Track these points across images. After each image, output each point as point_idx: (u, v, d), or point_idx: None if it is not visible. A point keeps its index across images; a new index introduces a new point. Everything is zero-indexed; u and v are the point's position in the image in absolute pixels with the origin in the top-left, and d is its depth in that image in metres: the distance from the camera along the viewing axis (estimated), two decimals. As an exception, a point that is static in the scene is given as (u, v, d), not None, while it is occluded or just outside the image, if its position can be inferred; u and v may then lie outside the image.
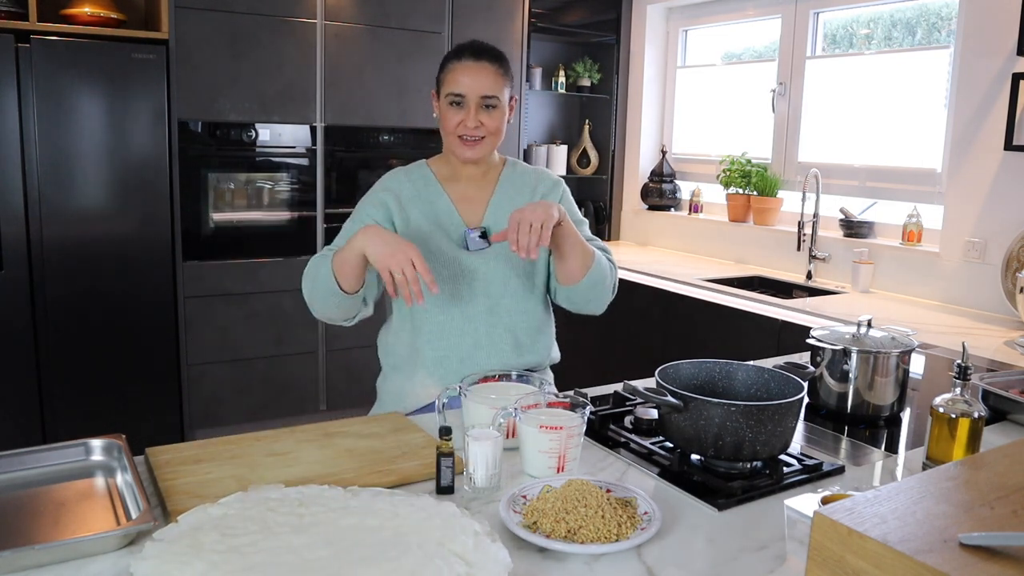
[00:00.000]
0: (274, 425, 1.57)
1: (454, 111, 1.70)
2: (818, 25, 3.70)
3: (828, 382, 1.66)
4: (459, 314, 1.74)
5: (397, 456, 1.32)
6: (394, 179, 1.81)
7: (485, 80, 1.69)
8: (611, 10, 4.45)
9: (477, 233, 1.73)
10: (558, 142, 4.60)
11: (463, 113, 1.69)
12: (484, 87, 1.69)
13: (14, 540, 1.04)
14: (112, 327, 3.22)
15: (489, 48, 1.73)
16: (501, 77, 1.72)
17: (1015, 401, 1.62)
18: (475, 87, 1.68)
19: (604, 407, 1.61)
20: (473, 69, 1.69)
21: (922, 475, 0.88)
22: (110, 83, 3.09)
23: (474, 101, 1.68)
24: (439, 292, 1.59)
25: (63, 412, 3.18)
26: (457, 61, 1.70)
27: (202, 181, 3.41)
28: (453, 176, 1.81)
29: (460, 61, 1.70)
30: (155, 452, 1.30)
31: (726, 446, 1.25)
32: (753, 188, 3.83)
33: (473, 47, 1.72)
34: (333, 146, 3.62)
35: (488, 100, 1.69)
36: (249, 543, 0.98)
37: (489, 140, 1.73)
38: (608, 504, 1.09)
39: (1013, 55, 2.78)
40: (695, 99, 4.37)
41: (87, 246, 3.14)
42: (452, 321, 1.74)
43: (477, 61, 1.69)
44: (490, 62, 1.70)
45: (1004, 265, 2.83)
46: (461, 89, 1.68)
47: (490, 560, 0.97)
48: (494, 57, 1.72)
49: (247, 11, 3.35)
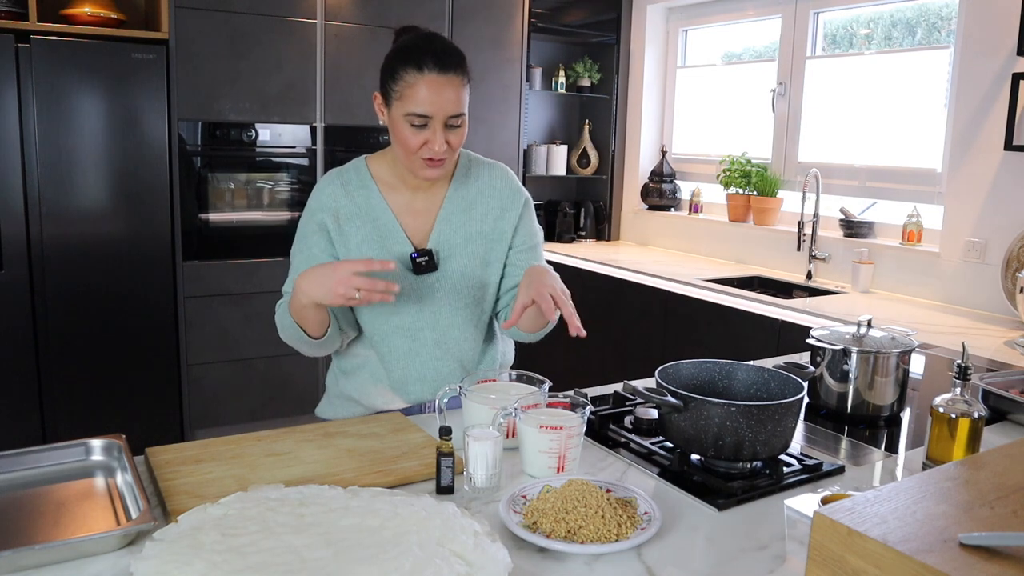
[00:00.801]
0: (274, 425, 1.57)
1: (415, 132, 1.45)
2: (818, 25, 3.70)
3: (828, 382, 1.66)
4: (404, 347, 1.62)
5: (397, 456, 1.32)
6: (329, 192, 1.59)
7: (453, 97, 1.43)
8: (611, 10, 4.45)
9: (423, 259, 1.57)
10: (558, 142, 4.60)
11: (427, 134, 1.45)
12: (452, 106, 1.44)
13: (14, 540, 1.04)
14: (112, 327, 3.23)
15: (452, 53, 1.46)
16: (466, 86, 1.47)
17: (1015, 401, 1.62)
18: (443, 106, 1.43)
19: (604, 407, 1.61)
20: (440, 85, 1.42)
21: (922, 475, 0.88)
22: (110, 83, 3.09)
23: (440, 121, 1.44)
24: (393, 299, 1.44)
25: (63, 412, 3.18)
26: (419, 73, 1.42)
27: (202, 181, 3.41)
28: (398, 184, 1.60)
29: (422, 74, 1.42)
30: (155, 452, 1.30)
31: (726, 446, 1.25)
32: (753, 188, 3.83)
33: (436, 54, 1.43)
34: (333, 146, 3.63)
35: (455, 119, 1.46)
36: (249, 543, 0.98)
37: (452, 157, 1.52)
38: (608, 504, 1.09)
39: (1013, 55, 2.78)
40: (695, 99, 4.38)
41: (87, 246, 3.14)
42: (396, 353, 1.62)
43: (443, 74, 1.42)
44: (456, 72, 1.44)
45: (1004, 265, 2.83)
46: (426, 110, 1.42)
47: (490, 560, 0.97)
48: (458, 63, 1.45)
49: (247, 11, 3.35)
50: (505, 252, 1.66)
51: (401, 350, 1.62)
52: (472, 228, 1.63)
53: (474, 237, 1.63)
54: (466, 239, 1.62)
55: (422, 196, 1.61)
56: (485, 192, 1.64)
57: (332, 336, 1.56)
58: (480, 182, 1.65)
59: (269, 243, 3.57)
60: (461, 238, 1.62)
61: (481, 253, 1.63)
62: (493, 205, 1.64)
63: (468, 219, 1.62)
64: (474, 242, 1.63)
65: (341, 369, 1.72)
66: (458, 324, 1.63)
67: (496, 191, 1.66)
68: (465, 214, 1.62)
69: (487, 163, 1.69)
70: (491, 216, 1.64)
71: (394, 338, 1.62)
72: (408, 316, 1.60)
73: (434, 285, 1.60)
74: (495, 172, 1.68)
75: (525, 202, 1.69)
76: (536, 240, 1.70)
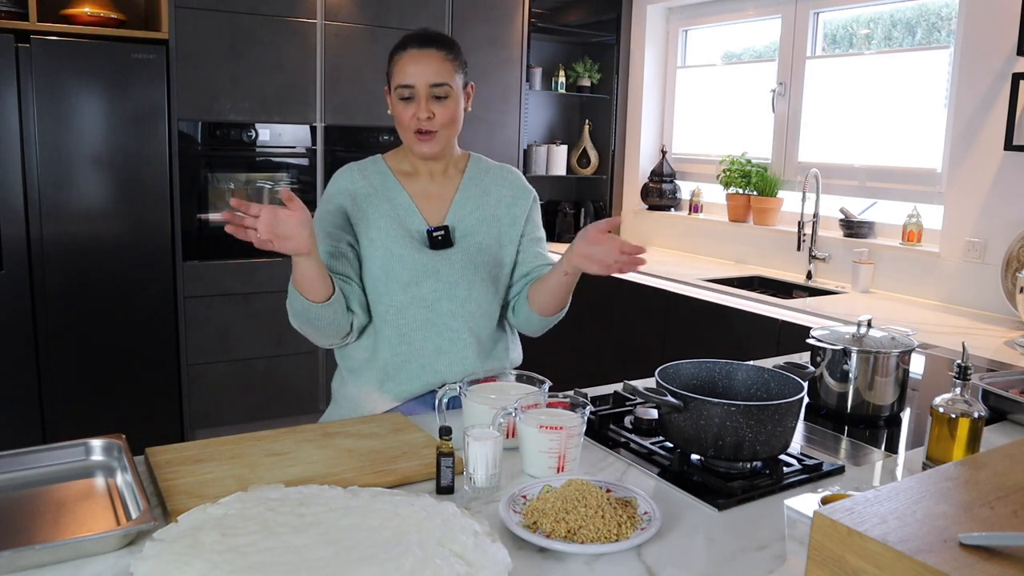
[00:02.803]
0: (274, 425, 1.57)
1: (404, 105, 1.61)
2: (818, 25, 3.70)
3: (828, 382, 1.66)
4: (421, 318, 1.65)
5: (397, 456, 1.32)
6: (347, 177, 1.70)
7: (432, 67, 1.59)
8: (611, 10, 4.45)
9: (440, 233, 1.66)
10: (558, 142, 4.60)
11: (414, 106, 1.60)
12: (432, 75, 1.59)
13: (14, 540, 1.04)
14: (112, 327, 3.23)
15: (436, 34, 1.64)
16: (451, 63, 1.62)
17: (1015, 401, 1.62)
18: (423, 76, 1.59)
19: (604, 407, 1.61)
20: (419, 57, 1.60)
21: (922, 475, 0.88)
22: (110, 83, 3.09)
23: (423, 91, 1.59)
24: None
25: (63, 412, 3.18)
26: (403, 51, 1.61)
27: (202, 181, 3.41)
28: (412, 172, 1.72)
29: (406, 51, 1.61)
30: (155, 452, 1.30)
31: (726, 446, 1.25)
32: (753, 188, 3.83)
33: (419, 35, 1.63)
34: (333, 146, 3.62)
35: (438, 89, 1.60)
36: (249, 543, 0.98)
37: (444, 133, 1.64)
38: (608, 504, 1.09)
39: (1013, 55, 2.78)
40: (695, 99, 4.37)
41: (87, 246, 3.14)
42: (413, 325, 1.65)
43: (422, 49, 1.60)
44: (438, 49, 1.61)
45: (1004, 265, 2.83)
46: (408, 80, 1.59)
47: (490, 560, 0.97)
48: (441, 43, 1.63)
49: (247, 11, 3.35)
50: (518, 237, 1.76)
51: (419, 320, 1.65)
52: (487, 211, 1.73)
53: (488, 219, 1.73)
54: (481, 220, 1.72)
55: (437, 183, 1.73)
56: (498, 182, 1.77)
57: (337, 301, 1.53)
58: (492, 174, 1.78)
59: (269, 243, 3.57)
60: (476, 219, 1.71)
61: (495, 234, 1.73)
62: (505, 193, 1.76)
63: (482, 203, 1.73)
64: (488, 224, 1.72)
65: (348, 368, 1.72)
66: (475, 298, 1.68)
67: (508, 183, 1.78)
68: (480, 199, 1.73)
69: (498, 164, 1.81)
70: (504, 202, 1.75)
71: (412, 309, 1.65)
72: (426, 287, 1.65)
73: (451, 259, 1.67)
74: (506, 169, 1.81)
75: (534, 199, 1.81)
76: (541, 235, 1.81)
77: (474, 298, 1.68)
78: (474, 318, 1.68)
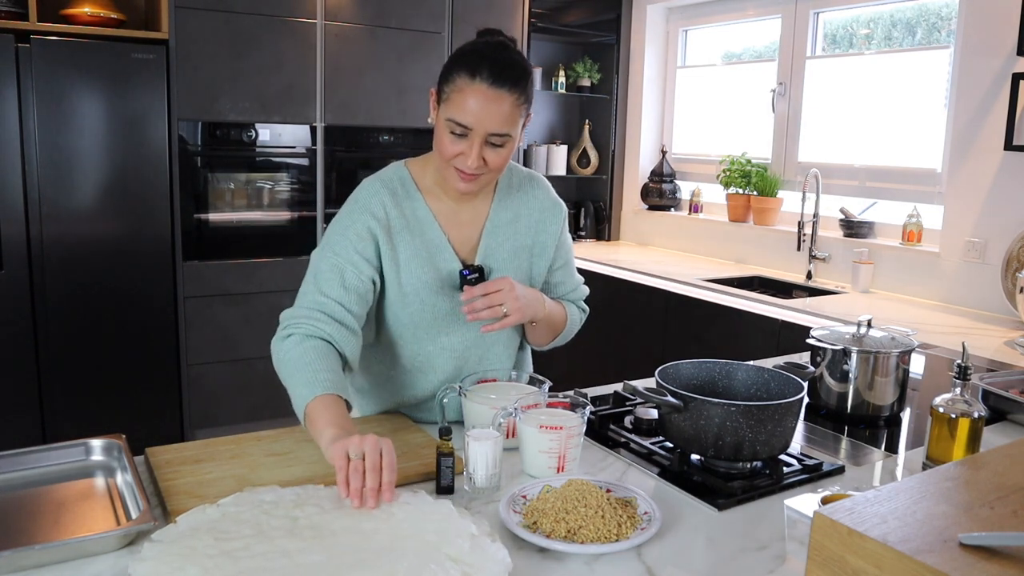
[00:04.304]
0: (274, 425, 1.57)
1: (453, 140, 1.37)
2: (818, 25, 3.70)
3: (828, 382, 1.66)
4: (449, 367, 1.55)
5: (397, 456, 1.32)
6: (378, 202, 1.48)
7: (499, 114, 1.35)
8: (611, 10, 4.45)
9: (474, 276, 1.51)
10: (558, 142, 4.60)
11: (464, 145, 1.37)
12: (496, 123, 1.36)
13: (14, 540, 1.04)
14: (112, 327, 3.22)
15: (512, 66, 1.37)
16: (520, 107, 1.38)
17: (1015, 401, 1.62)
18: (485, 121, 1.35)
19: (604, 407, 1.61)
20: (488, 97, 1.34)
21: (922, 475, 0.88)
22: (110, 83, 3.09)
23: (480, 136, 1.36)
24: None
25: (63, 412, 3.18)
26: (471, 81, 1.34)
27: (202, 181, 3.41)
28: (441, 192, 1.53)
29: (473, 82, 1.34)
30: (155, 452, 1.30)
31: (726, 446, 1.25)
32: (753, 188, 3.83)
33: (494, 66, 1.35)
34: (333, 146, 3.62)
35: (497, 139, 1.37)
36: (242, 547, 0.98)
37: (489, 176, 1.44)
38: (608, 504, 1.09)
39: (1013, 55, 2.78)
40: (695, 99, 4.37)
41: (87, 246, 3.14)
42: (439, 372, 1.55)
43: (494, 87, 1.34)
44: (510, 90, 1.35)
45: (1004, 265, 2.83)
46: (467, 120, 1.35)
47: (490, 560, 0.97)
48: (515, 82, 1.36)
49: (247, 11, 3.35)
50: (546, 268, 1.63)
51: (447, 371, 1.55)
52: (517, 241, 1.57)
53: (519, 251, 1.58)
54: (512, 253, 1.57)
55: (467, 206, 1.54)
56: (528, 203, 1.59)
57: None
58: (523, 193, 1.60)
59: (269, 243, 3.57)
60: (507, 252, 1.56)
61: (526, 268, 1.59)
62: (535, 218, 1.60)
63: (513, 232, 1.57)
64: (519, 256, 1.58)
65: (355, 388, 1.64)
66: (502, 340, 1.60)
67: (538, 202, 1.61)
68: (510, 227, 1.57)
69: (526, 172, 1.64)
70: (533, 229, 1.60)
71: (440, 359, 1.55)
72: (456, 338, 1.54)
73: None
74: (535, 182, 1.63)
75: (564, 216, 1.65)
76: (569, 257, 1.68)
77: (502, 341, 1.60)
78: (499, 359, 1.60)
